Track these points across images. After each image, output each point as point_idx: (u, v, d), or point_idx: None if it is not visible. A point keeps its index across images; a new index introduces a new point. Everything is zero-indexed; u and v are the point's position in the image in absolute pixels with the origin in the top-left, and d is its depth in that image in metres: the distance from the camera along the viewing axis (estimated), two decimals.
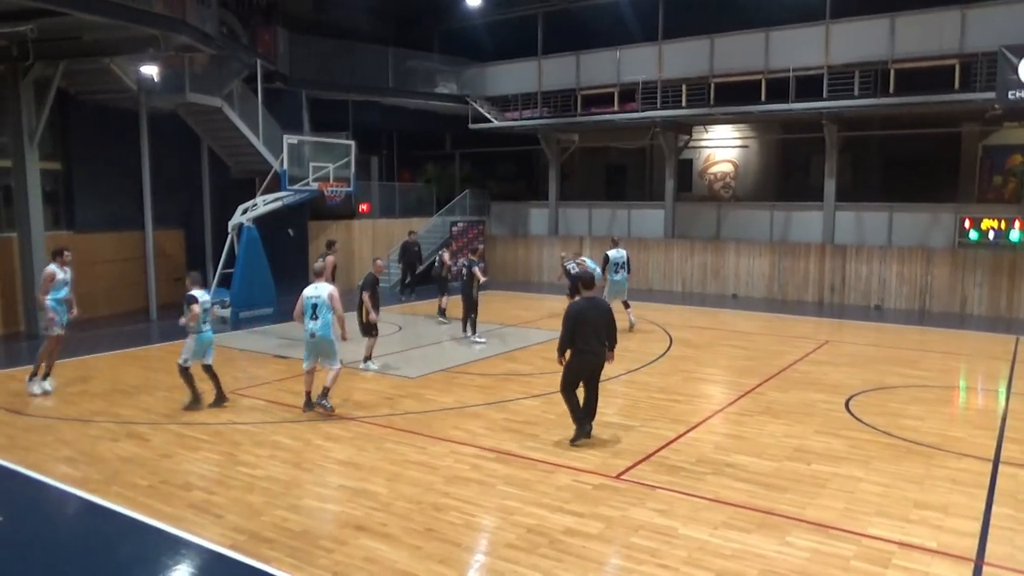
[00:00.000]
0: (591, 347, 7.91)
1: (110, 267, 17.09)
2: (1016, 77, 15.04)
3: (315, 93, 21.87)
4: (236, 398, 9.84)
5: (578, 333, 7.88)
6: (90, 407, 9.48)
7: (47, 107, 14.30)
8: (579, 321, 7.88)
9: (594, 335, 7.90)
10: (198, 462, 7.54)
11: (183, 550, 5.77)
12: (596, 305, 8.12)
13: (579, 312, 7.94)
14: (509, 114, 23.30)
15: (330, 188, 16.66)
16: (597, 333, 7.93)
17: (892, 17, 17.22)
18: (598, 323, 7.94)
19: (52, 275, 10.16)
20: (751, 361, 12.31)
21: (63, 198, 16.86)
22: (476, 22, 23.91)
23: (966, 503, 6.50)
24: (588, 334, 7.89)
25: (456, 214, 24.52)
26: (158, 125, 17.23)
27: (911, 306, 18.19)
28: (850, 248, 19.07)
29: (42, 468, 7.40)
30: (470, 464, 7.45)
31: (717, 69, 19.52)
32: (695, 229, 21.93)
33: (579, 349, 7.91)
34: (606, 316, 8.06)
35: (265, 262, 16.75)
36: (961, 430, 8.68)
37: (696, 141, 24.34)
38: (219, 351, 12.51)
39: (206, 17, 14.39)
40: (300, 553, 5.60)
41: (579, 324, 7.87)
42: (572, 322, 7.89)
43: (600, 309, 8.09)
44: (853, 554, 5.56)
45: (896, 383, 10.84)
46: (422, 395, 10.11)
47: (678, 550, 5.63)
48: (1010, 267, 17.06)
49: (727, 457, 7.65)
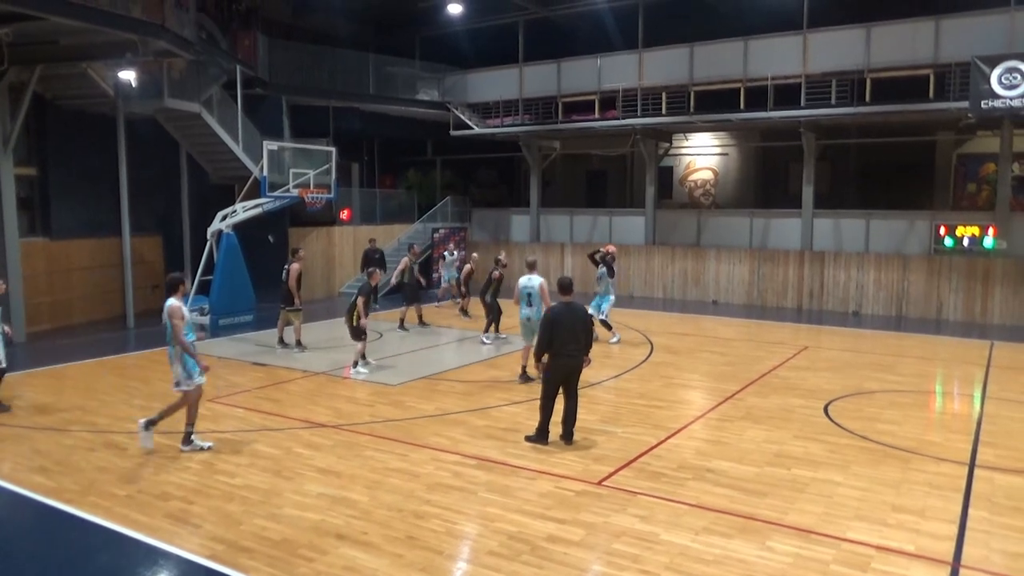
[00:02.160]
0: (568, 350, 8.08)
1: (87, 274, 16.88)
2: (989, 87, 15.31)
3: (295, 99, 21.79)
4: (214, 406, 9.74)
5: (555, 337, 8.03)
6: (65, 416, 9.34)
7: (22, 112, 14.13)
8: (556, 324, 8.06)
9: (571, 339, 8.07)
10: (176, 471, 7.45)
11: (161, 561, 5.70)
12: (572, 309, 8.28)
13: (556, 316, 8.14)
14: (490, 121, 23.33)
15: (310, 195, 16.59)
16: (575, 337, 8.10)
17: (868, 27, 17.47)
18: (575, 327, 8.12)
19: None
20: (731, 367, 12.38)
21: (39, 204, 16.62)
22: (457, 29, 23.93)
23: (943, 507, 6.58)
24: (565, 338, 8.04)
25: (438, 220, 24.50)
26: (136, 130, 17.07)
27: (888, 312, 18.41)
28: (828, 255, 19.28)
29: (15, 478, 7.27)
30: (451, 471, 7.42)
31: (697, 77, 19.67)
32: (675, 236, 22.07)
33: (556, 352, 8.08)
34: (582, 320, 8.26)
35: (244, 269, 16.64)
36: (937, 434, 8.79)
37: (676, 148, 24.53)
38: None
39: (185, 22, 14.29)
40: (280, 562, 5.55)
41: (556, 328, 8.04)
42: (549, 326, 8.09)
43: (576, 313, 8.26)
44: (832, 558, 5.61)
45: (874, 388, 10.96)
46: (403, 402, 10.06)
47: (660, 556, 5.64)
48: (984, 273, 17.33)
49: (708, 463, 7.68)
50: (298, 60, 21.62)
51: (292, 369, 12.04)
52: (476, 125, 23.33)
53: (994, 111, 15.54)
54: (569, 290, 8.52)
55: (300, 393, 10.56)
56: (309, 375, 11.66)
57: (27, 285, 14.79)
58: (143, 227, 17.89)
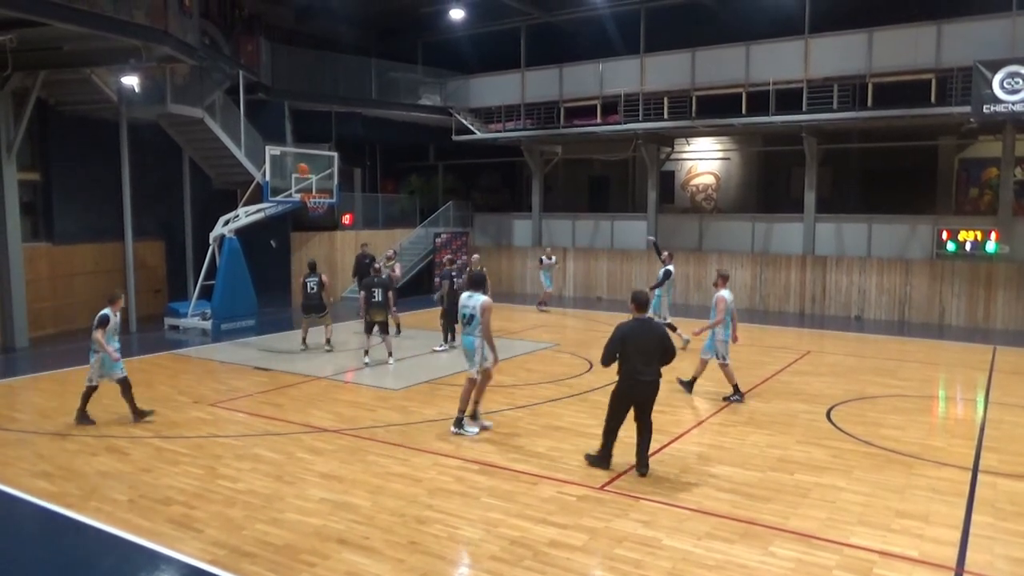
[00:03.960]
0: (639, 372, 7.26)
1: (89, 279, 16.89)
2: (991, 91, 15.31)
3: (297, 104, 21.83)
4: (217, 411, 9.74)
5: (623, 357, 7.31)
6: (68, 421, 9.34)
7: (26, 117, 14.17)
8: (624, 343, 7.29)
9: (642, 360, 7.26)
10: (178, 476, 7.45)
11: (163, 566, 5.69)
12: (645, 327, 7.45)
13: (623, 334, 7.33)
14: (492, 126, 23.36)
15: (313, 199, 16.61)
16: (647, 357, 7.27)
17: (870, 32, 17.48)
18: (648, 347, 7.27)
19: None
20: (734, 371, 12.33)
21: (42, 209, 16.68)
22: (459, 34, 24.00)
23: (946, 512, 6.56)
24: (635, 358, 7.26)
25: (440, 225, 24.51)
26: (139, 136, 17.12)
27: (891, 316, 18.39)
28: (830, 259, 19.26)
29: (18, 483, 7.28)
30: (453, 476, 7.41)
31: (699, 82, 19.70)
32: (677, 240, 22.04)
33: (626, 374, 7.33)
34: (657, 338, 7.34)
35: (247, 273, 16.65)
36: (941, 439, 8.77)
37: (678, 153, 24.53)
38: (199, 363, 12.50)
39: (188, 28, 14.32)
40: (282, 568, 5.54)
41: (624, 346, 7.29)
42: (614, 343, 7.33)
43: (650, 331, 7.41)
44: (835, 564, 5.59)
45: (876, 393, 10.94)
46: (405, 407, 10.06)
47: (662, 561, 5.63)
48: (987, 278, 17.30)
49: (710, 467, 7.67)
50: (301, 65, 21.69)
51: (294, 374, 12.04)
52: (478, 130, 23.37)
53: (996, 116, 15.54)
54: (644, 306, 7.63)
55: (302, 398, 10.56)
56: (311, 379, 11.67)
57: (30, 290, 14.82)
58: (146, 232, 17.93)
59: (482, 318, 8.52)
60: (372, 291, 12.67)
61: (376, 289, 12.66)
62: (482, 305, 8.56)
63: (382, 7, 23.25)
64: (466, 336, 8.77)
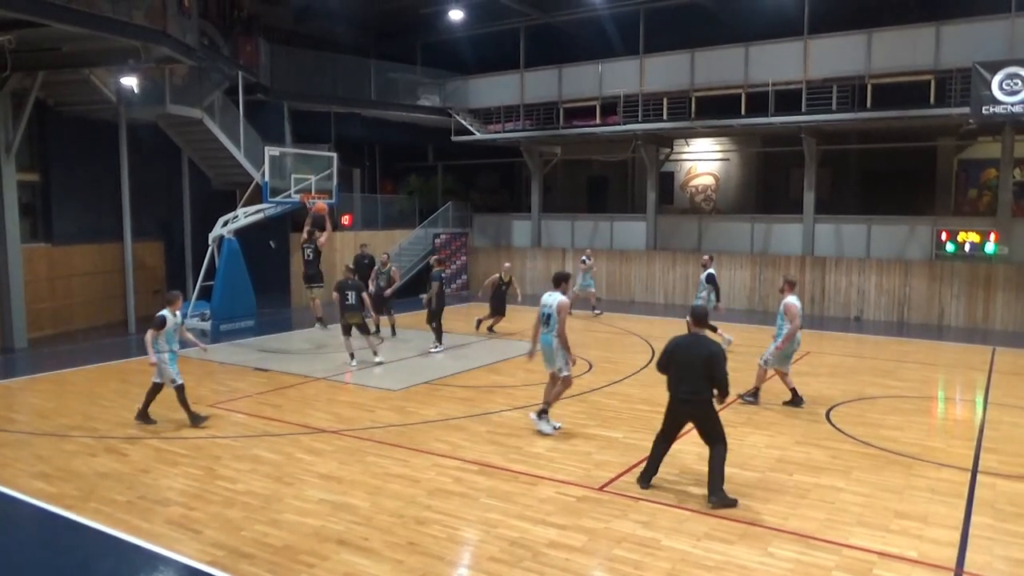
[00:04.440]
0: (678, 390, 6.92)
1: (88, 280, 16.90)
2: (989, 92, 15.32)
3: (296, 105, 21.82)
4: (216, 412, 9.73)
5: (669, 372, 7.01)
6: (66, 422, 9.33)
7: (25, 118, 14.16)
8: (670, 358, 6.99)
9: (683, 378, 6.87)
10: (177, 477, 7.44)
11: (162, 567, 5.69)
12: (694, 344, 6.93)
13: (672, 348, 7.02)
14: (492, 126, 23.36)
15: (312, 200, 16.58)
16: (689, 377, 6.83)
17: (869, 33, 17.49)
18: (690, 364, 6.82)
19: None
20: (732, 372, 12.16)
21: (40, 210, 16.67)
22: (459, 35, 23.99)
23: (945, 512, 6.56)
24: (677, 376, 6.92)
25: (439, 226, 24.52)
26: (138, 136, 17.11)
27: (890, 317, 18.39)
28: (830, 260, 19.26)
29: (16, 484, 7.27)
30: (452, 477, 7.41)
31: (698, 83, 19.70)
32: (677, 241, 22.06)
33: (669, 389, 7.03)
34: (702, 358, 6.77)
35: (246, 274, 16.63)
36: (940, 440, 8.77)
37: (677, 154, 24.54)
38: (199, 364, 12.48)
39: (187, 28, 14.31)
40: (280, 569, 5.54)
41: (670, 362, 7.00)
42: (662, 355, 7.08)
43: (697, 349, 6.86)
44: (835, 564, 5.59)
45: (876, 393, 10.94)
46: (404, 407, 10.05)
47: (661, 562, 5.62)
48: (986, 279, 17.31)
49: None
50: (300, 66, 21.67)
51: (293, 374, 12.04)
52: (477, 131, 23.37)
53: (995, 117, 15.56)
54: (702, 320, 7.20)
55: (301, 398, 10.55)
56: (310, 380, 11.66)
57: (29, 290, 14.81)
58: (145, 233, 17.91)
59: (558, 317, 8.50)
60: (345, 293, 12.40)
61: (349, 292, 12.40)
62: (559, 304, 8.53)
63: (381, 8, 23.26)
64: (544, 335, 8.74)
